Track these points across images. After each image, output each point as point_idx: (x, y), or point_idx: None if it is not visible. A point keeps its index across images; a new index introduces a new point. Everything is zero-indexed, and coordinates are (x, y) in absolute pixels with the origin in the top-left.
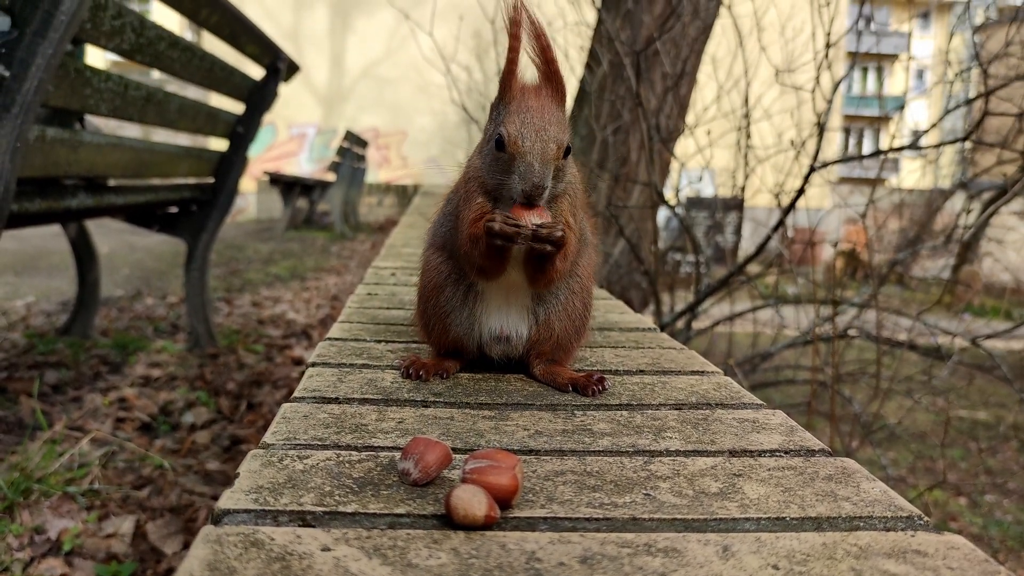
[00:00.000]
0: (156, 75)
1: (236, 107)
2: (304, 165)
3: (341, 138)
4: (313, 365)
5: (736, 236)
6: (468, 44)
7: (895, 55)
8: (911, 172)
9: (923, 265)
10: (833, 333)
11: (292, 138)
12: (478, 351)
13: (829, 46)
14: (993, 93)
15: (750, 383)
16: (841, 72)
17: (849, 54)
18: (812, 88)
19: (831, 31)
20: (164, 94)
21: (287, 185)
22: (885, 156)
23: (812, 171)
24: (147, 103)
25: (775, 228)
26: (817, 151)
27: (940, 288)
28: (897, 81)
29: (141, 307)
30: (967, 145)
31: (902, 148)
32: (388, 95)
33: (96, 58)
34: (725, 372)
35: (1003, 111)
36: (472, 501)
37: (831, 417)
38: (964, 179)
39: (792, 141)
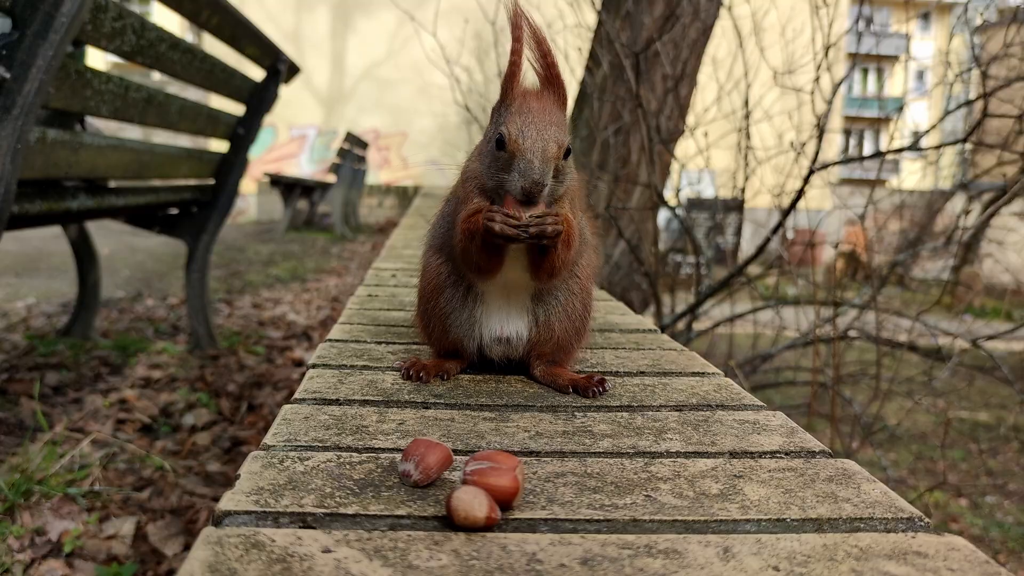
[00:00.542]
0: (157, 77)
1: (237, 109)
2: (304, 166)
3: (341, 139)
4: (314, 367)
5: (736, 237)
6: (469, 45)
7: (896, 56)
8: (911, 173)
9: (923, 266)
10: (833, 334)
11: (293, 139)
12: (478, 353)
13: (828, 47)
14: (992, 95)
15: (750, 384)
16: (841, 73)
17: (849, 55)
18: (811, 90)
19: (830, 32)
20: (165, 96)
21: (287, 186)
22: (884, 157)
23: (812, 172)
24: (148, 105)
25: (775, 230)
26: (817, 153)
27: (940, 289)
28: (897, 82)
29: (142, 308)
30: (967, 146)
31: (902, 149)
32: (388, 97)
33: (97, 60)
34: (725, 373)
35: (1003, 112)
36: (473, 503)
37: (831, 418)
38: (964, 180)
39: (792, 143)
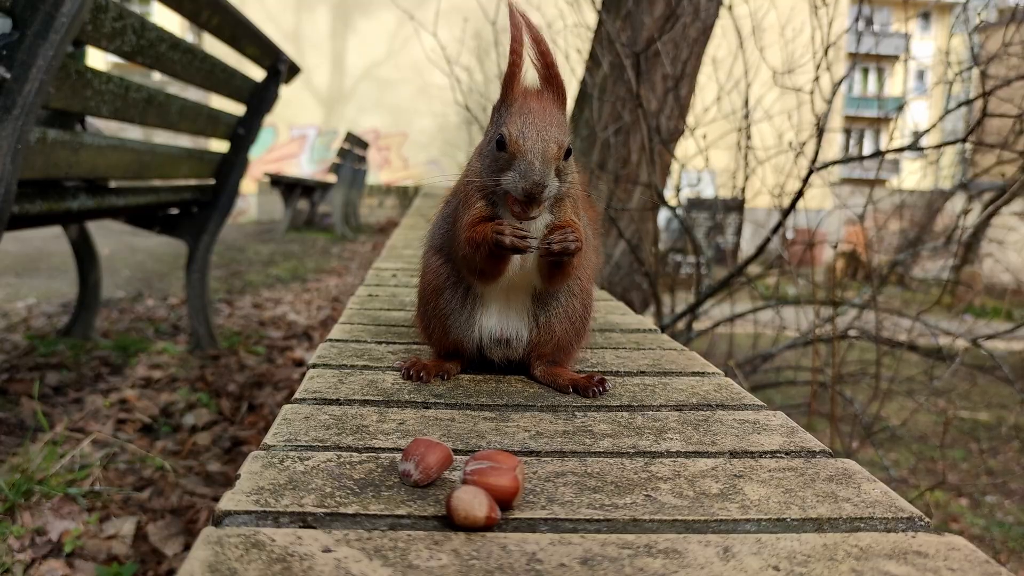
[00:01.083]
0: (157, 77)
1: (237, 109)
2: (305, 166)
3: (342, 139)
4: (314, 366)
5: (736, 237)
6: (469, 45)
7: (896, 56)
8: (911, 173)
9: (924, 266)
10: (833, 334)
11: (293, 140)
12: (478, 353)
13: (828, 47)
14: (991, 94)
15: (751, 384)
16: (841, 73)
17: (849, 55)
18: (811, 89)
19: (830, 32)
20: (165, 96)
21: (288, 186)
22: (883, 157)
23: (811, 172)
24: (148, 105)
25: (774, 229)
26: (816, 152)
27: (940, 289)
28: (898, 82)
29: (142, 308)
30: (968, 146)
31: (901, 148)
32: (389, 97)
33: (97, 60)
34: (726, 373)
35: (1003, 112)
36: (473, 502)
37: (831, 418)
38: (964, 180)
39: (791, 143)
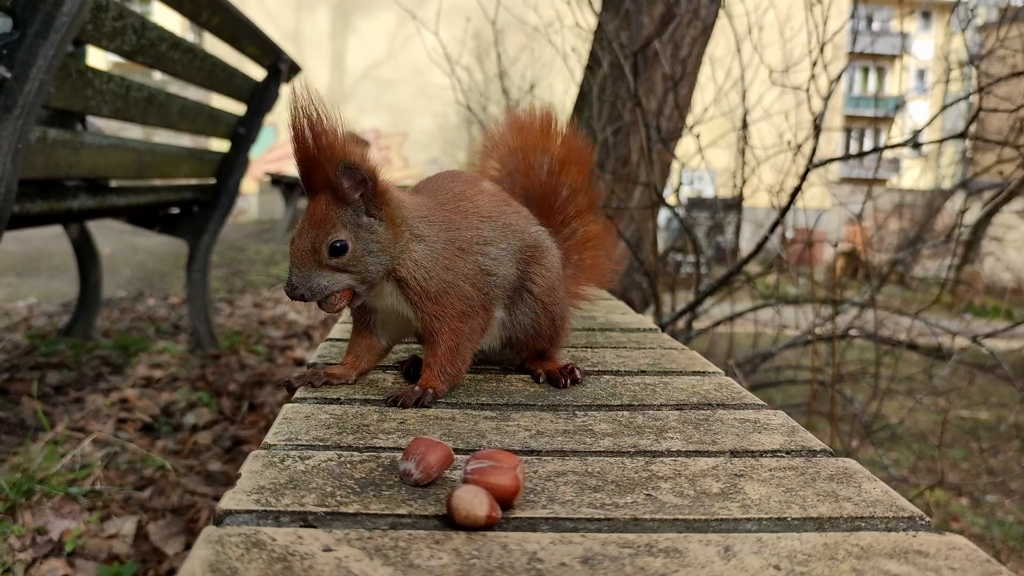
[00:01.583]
0: (158, 76)
1: (237, 108)
2: None
3: None
4: (315, 366)
5: (736, 236)
6: (470, 45)
7: (895, 55)
8: (910, 169)
9: (924, 265)
10: (833, 333)
11: None
12: None
13: (823, 44)
14: (983, 90)
15: (751, 383)
16: (840, 72)
17: (848, 54)
18: (807, 88)
19: (825, 30)
20: (166, 95)
21: (288, 186)
22: (882, 155)
23: (809, 169)
24: (149, 104)
25: (772, 227)
26: (814, 151)
27: (940, 288)
28: (897, 81)
29: (143, 308)
30: (967, 144)
31: (900, 144)
32: (389, 97)
33: (97, 59)
34: (726, 372)
35: (1002, 109)
36: (473, 501)
37: (832, 417)
38: (964, 179)
39: (789, 142)
